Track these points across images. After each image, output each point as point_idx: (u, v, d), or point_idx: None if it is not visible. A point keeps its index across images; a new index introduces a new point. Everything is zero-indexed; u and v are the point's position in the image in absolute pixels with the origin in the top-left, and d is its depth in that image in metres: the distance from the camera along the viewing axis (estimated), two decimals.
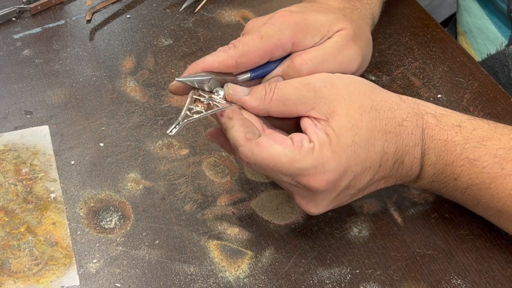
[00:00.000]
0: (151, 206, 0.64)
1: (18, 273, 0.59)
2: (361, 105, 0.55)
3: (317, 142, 0.54)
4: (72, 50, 0.79)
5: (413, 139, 0.56)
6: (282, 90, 0.56)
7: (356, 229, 0.63)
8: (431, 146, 0.57)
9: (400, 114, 0.56)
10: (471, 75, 0.77)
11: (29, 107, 0.72)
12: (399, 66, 0.78)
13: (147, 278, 0.59)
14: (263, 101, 0.56)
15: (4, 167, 0.66)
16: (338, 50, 0.61)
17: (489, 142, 0.56)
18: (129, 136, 0.70)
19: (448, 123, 0.57)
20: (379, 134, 0.55)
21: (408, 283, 0.59)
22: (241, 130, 0.54)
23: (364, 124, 0.55)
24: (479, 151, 0.56)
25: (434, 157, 0.57)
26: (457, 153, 0.56)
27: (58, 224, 0.62)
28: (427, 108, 0.58)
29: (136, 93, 0.74)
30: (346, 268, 0.60)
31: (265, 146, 0.53)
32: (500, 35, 0.84)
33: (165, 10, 0.85)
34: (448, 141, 0.56)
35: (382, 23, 0.83)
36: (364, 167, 0.55)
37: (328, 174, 0.54)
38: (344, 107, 0.55)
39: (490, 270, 0.60)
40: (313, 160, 0.53)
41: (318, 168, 0.53)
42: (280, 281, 0.59)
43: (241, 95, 0.57)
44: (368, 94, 0.56)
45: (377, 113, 0.55)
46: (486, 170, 0.56)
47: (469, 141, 0.56)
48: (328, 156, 0.53)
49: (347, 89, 0.56)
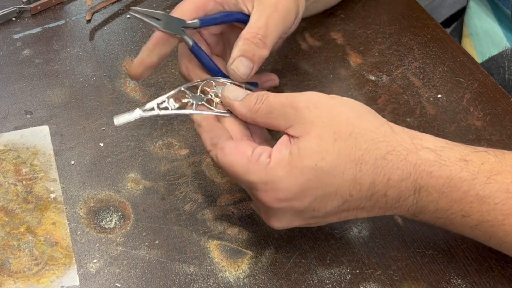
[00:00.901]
0: (151, 206, 0.64)
1: (18, 273, 0.59)
2: (339, 130, 0.53)
3: (275, 159, 0.53)
4: (72, 50, 0.79)
5: (399, 173, 0.53)
6: (270, 102, 0.56)
7: (356, 229, 0.63)
8: (430, 183, 0.54)
9: (383, 147, 0.53)
10: (471, 75, 0.77)
11: (29, 107, 0.72)
12: (399, 66, 0.78)
13: (147, 278, 0.59)
14: (250, 109, 0.57)
15: (4, 167, 0.66)
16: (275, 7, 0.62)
17: (499, 176, 0.53)
18: (129, 136, 0.70)
19: (451, 158, 0.54)
20: (351, 163, 0.53)
21: (408, 283, 0.59)
22: (207, 136, 0.57)
23: (336, 151, 0.53)
24: (489, 187, 0.53)
25: (435, 194, 0.54)
26: (465, 189, 0.53)
27: (58, 224, 0.62)
28: (424, 142, 0.54)
29: (136, 93, 0.74)
30: (346, 268, 0.60)
31: (227, 153, 0.54)
32: (506, 39, 0.84)
33: (165, 10, 0.85)
34: (452, 178, 0.53)
35: (382, 23, 0.83)
36: (327, 192, 0.53)
37: (279, 192, 0.53)
38: (319, 130, 0.53)
39: (490, 270, 0.60)
40: (263, 176, 0.53)
41: (269, 185, 0.53)
42: (280, 281, 0.59)
43: (233, 99, 0.58)
44: (352, 120, 0.54)
45: (355, 142, 0.53)
46: (498, 207, 0.53)
47: (477, 177, 0.53)
48: (281, 175, 0.53)
49: (330, 113, 0.54)
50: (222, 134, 0.57)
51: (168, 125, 0.71)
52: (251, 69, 0.61)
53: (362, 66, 0.78)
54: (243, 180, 0.54)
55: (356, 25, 0.82)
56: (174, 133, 0.70)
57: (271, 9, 0.62)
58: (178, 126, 0.71)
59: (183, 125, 0.71)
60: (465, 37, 0.92)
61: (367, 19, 0.83)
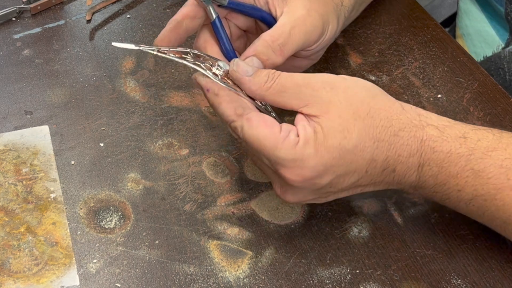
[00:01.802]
0: (151, 206, 0.64)
1: (18, 273, 0.59)
2: (357, 110, 0.55)
3: (303, 137, 0.54)
4: (72, 50, 0.79)
5: (408, 149, 0.56)
6: (283, 81, 0.56)
7: (356, 229, 0.63)
8: (432, 158, 0.56)
9: (397, 124, 0.56)
10: (471, 75, 0.77)
11: (29, 107, 0.72)
12: (399, 66, 0.78)
13: (147, 278, 0.59)
14: (261, 86, 0.56)
15: (4, 167, 0.66)
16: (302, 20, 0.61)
17: (494, 152, 0.56)
18: (129, 136, 0.70)
19: (452, 135, 0.56)
20: (370, 141, 0.55)
21: (408, 283, 0.59)
22: (230, 106, 0.56)
23: (356, 130, 0.54)
24: (484, 162, 0.55)
25: (436, 168, 0.56)
26: (462, 164, 0.56)
27: (58, 224, 0.62)
28: (429, 119, 0.57)
29: (136, 93, 0.74)
30: (346, 268, 0.60)
31: (254, 125, 0.54)
32: (498, 38, 0.84)
33: (165, 10, 0.85)
34: (451, 153, 0.56)
35: (382, 23, 0.83)
36: (348, 170, 0.55)
37: (305, 170, 0.54)
38: (338, 110, 0.55)
39: (490, 270, 0.60)
40: (293, 154, 0.53)
41: (297, 163, 0.54)
42: (280, 281, 0.59)
43: (243, 74, 0.57)
44: (367, 100, 0.56)
45: (372, 121, 0.55)
46: (491, 181, 0.55)
47: (473, 152, 0.56)
48: (309, 153, 0.54)
49: (346, 94, 0.55)
50: (246, 104, 0.56)
51: (168, 125, 0.71)
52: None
53: (362, 66, 0.78)
54: (268, 155, 0.54)
55: (356, 25, 0.82)
56: (174, 133, 0.70)
57: (299, 21, 0.62)
58: (178, 126, 0.71)
59: (183, 125, 0.71)
60: (458, 37, 0.92)
61: (367, 19, 0.83)
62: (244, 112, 0.55)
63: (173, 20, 0.61)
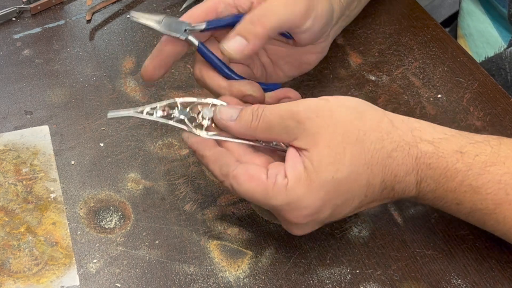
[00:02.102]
0: (151, 206, 0.64)
1: (18, 273, 0.59)
2: (345, 137, 0.54)
3: (292, 178, 0.53)
4: (72, 50, 0.79)
5: (404, 169, 0.55)
6: (268, 117, 0.55)
7: (356, 229, 0.63)
8: (429, 174, 0.55)
9: (388, 145, 0.54)
10: (471, 75, 0.77)
11: (29, 107, 0.72)
12: (399, 66, 0.78)
13: (147, 278, 0.59)
14: (249, 128, 0.56)
15: (4, 167, 0.66)
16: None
17: (492, 167, 0.55)
18: (129, 136, 0.70)
19: (448, 149, 0.55)
20: (363, 167, 0.54)
21: (408, 283, 0.59)
22: (215, 167, 0.56)
23: (348, 158, 0.53)
24: (482, 178, 0.54)
25: (433, 184, 0.55)
26: (459, 180, 0.55)
27: (58, 224, 0.62)
28: (422, 133, 0.56)
29: (136, 93, 0.74)
30: (346, 268, 0.60)
31: (241, 181, 0.54)
32: (501, 39, 0.84)
33: (165, 10, 0.85)
34: (448, 169, 0.55)
35: (382, 23, 0.83)
36: (346, 198, 0.54)
37: (303, 210, 0.53)
38: (326, 139, 0.53)
39: (490, 270, 0.60)
40: (285, 197, 0.53)
41: (292, 205, 0.53)
42: (280, 281, 0.59)
43: (228, 120, 0.57)
44: (355, 123, 0.54)
45: (363, 145, 0.54)
46: (490, 196, 0.55)
47: (471, 168, 0.55)
48: (302, 192, 0.53)
49: (332, 118, 0.54)
50: (230, 161, 0.55)
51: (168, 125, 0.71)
52: (245, 47, 0.59)
53: (362, 66, 0.78)
54: (265, 205, 0.55)
55: (356, 25, 0.82)
56: (174, 133, 0.70)
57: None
58: None
59: None
60: (460, 37, 0.92)
61: (367, 19, 0.83)
62: (229, 170, 0.55)
63: (155, 48, 0.62)
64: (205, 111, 0.58)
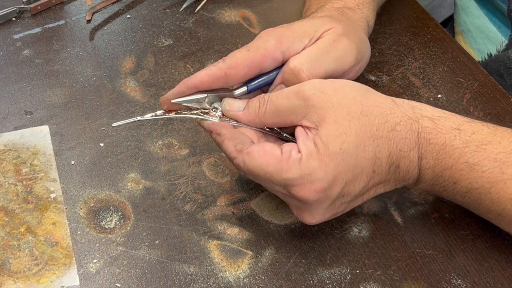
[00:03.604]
0: (151, 206, 0.64)
1: (18, 273, 0.59)
2: (350, 111, 0.55)
3: (305, 152, 0.54)
4: (72, 50, 0.79)
5: (408, 143, 0.56)
6: (274, 101, 0.57)
7: (356, 229, 0.63)
8: (429, 150, 0.56)
9: (392, 119, 0.56)
10: (471, 75, 0.77)
11: (29, 107, 0.73)
12: (399, 66, 0.78)
13: (147, 278, 0.59)
14: (257, 115, 0.58)
15: (4, 167, 0.66)
16: (331, 46, 0.61)
17: (488, 146, 0.56)
18: (129, 136, 0.70)
19: (446, 126, 0.57)
20: (369, 140, 0.55)
21: (408, 283, 0.59)
22: (230, 143, 0.57)
23: (353, 131, 0.55)
24: (478, 155, 0.56)
25: (432, 161, 0.57)
26: (456, 157, 0.56)
27: (58, 224, 0.62)
28: (423, 111, 0.57)
29: (136, 93, 0.74)
30: (346, 268, 0.60)
31: (255, 156, 0.55)
32: (500, 34, 0.84)
33: (165, 10, 0.85)
34: (446, 145, 0.56)
35: (382, 23, 0.83)
36: (355, 173, 0.55)
37: (316, 183, 0.54)
38: (332, 114, 0.55)
39: (490, 270, 0.60)
40: (299, 171, 0.54)
41: (305, 178, 0.54)
42: (280, 281, 0.59)
43: (236, 110, 0.59)
44: (359, 99, 0.56)
45: (367, 119, 0.55)
46: (485, 174, 0.56)
47: (468, 145, 0.56)
48: (315, 165, 0.54)
49: (337, 95, 0.56)
50: (245, 140, 0.57)
51: (168, 125, 0.71)
52: None
53: None
54: (276, 180, 0.55)
55: None
56: (174, 133, 0.70)
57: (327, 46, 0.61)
58: (178, 126, 0.71)
59: (183, 125, 0.71)
60: (457, 34, 0.92)
61: None
62: (244, 147, 0.56)
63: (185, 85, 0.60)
64: (216, 105, 0.60)
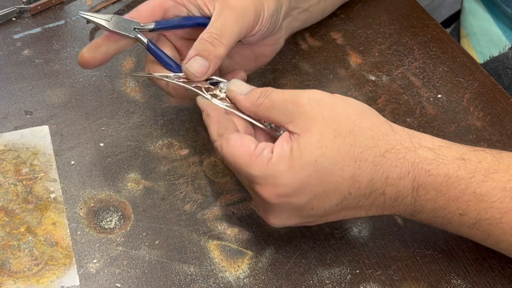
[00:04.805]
0: (151, 206, 0.64)
1: (18, 273, 0.59)
2: (339, 127, 0.54)
3: (276, 154, 0.53)
4: (72, 50, 0.79)
5: (397, 171, 0.53)
6: (273, 97, 0.56)
7: (356, 229, 0.63)
8: (428, 181, 0.54)
9: (383, 145, 0.54)
10: (471, 75, 0.77)
11: (29, 107, 0.73)
12: (399, 66, 0.78)
13: (147, 278, 0.59)
14: (254, 104, 0.57)
15: (4, 167, 0.66)
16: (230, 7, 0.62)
17: (496, 174, 0.53)
18: (129, 136, 0.70)
19: (449, 156, 0.54)
20: (351, 161, 0.53)
21: (408, 283, 0.59)
22: (214, 126, 0.58)
23: (336, 147, 0.53)
24: (486, 185, 0.53)
25: (433, 192, 0.54)
26: (462, 188, 0.53)
27: (58, 224, 0.62)
28: (422, 140, 0.55)
29: (136, 93, 0.74)
30: (346, 268, 0.60)
31: (231, 144, 0.55)
32: (505, 38, 0.84)
33: None
34: (450, 176, 0.53)
35: (382, 23, 0.83)
36: (327, 189, 0.53)
37: (279, 188, 0.53)
38: (320, 127, 0.54)
39: (490, 270, 0.60)
40: (264, 170, 0.53)
41: (269, 180, 0.53)
42: (280, 281, 0.59)
43: (238, 93, 0.59)
44: (353, 118, 0.54)
45: (354, 139, 0.53)
46: (495, 204, 0.53)
47: (474, 175, 0.53)
48: (282, 170, 0.53)
49: (332, 110, 0.54)
50: (229, 126, 0.57)
51: (168, 125, 0.71)
52: (207, 68, 0.61)
53: (362, 66, 0.78)
54: (244, 173, 0.54)
55: (356, 25, 0.82)
56: (174, 133, 0.70)
57: (228, 10, 0.62)
58: (178, 126, 0.71)
59: (183, 125, 0.71)
60: (463, 37, 0.92)
61: (367, 19, 0.83)
62: (226, 132, 0.56)
63: (94, 42, 0.63)
64: (223, 86, 0.61)
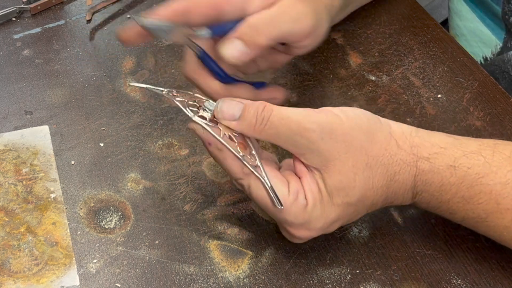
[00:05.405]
0: (151, 206, 0.64)
1: (18, 273, 0.59)
2: (356, 163, 0.54)
3: (311, 201, 0.54)
4: (72, 50, 0.79)
5: (403, 187, 0.57)
6: (276, 125, 0.53)
7: (356, 229, 0.63)
8: (425, 189, 0.57)
9: (392, 168, 0.56)
10: (471, 75, 0.77)
11: (29, 107, 0.72)
12: (399, 66, 0.78)
13: (147, 278, 0.59)
14: (253, 128, 0.54)
15: (4, 167, 0.66)
16: (288, 8, 0.60)
17: (484, 178, 0.56)
18: (129, 136, 0.70)
19: (443, 164, 0.56)
20: (371, 191, 0.56)
21: (408, 283, 0.59)
22: (236, 164, 0.54)
23: (357, 185, 0.55)
24: (474, 189, 0.56)
25: (428, 197, 0.57)
26: (453, 192, 0.56)
27: (58, 224, 0.62)
28: (421, 151, 0.56)
29: (136, 93, 0.74)
30: (346, 268, 0.60)
31: (261, 186, 0.54)
32: (494, 37, 0.84)
33: None
34: (443, 183, 0.56)
35: (382, 23, 0.83)
36: (351, 218, 0.58)
37: (312, 231, 0.56)
38: (337, 164, 0.54)
39: (490, 270, 0.60)
40: (302, 218, 0.55)
41: (306, 225, 0.55)
42: (280, 281, 0.59)
43: (230, 119, 0.54)
44: (365, 147, 0.55)
45: (371, 172, 0.55)
46: (481, 206, 0.56)
47: (464, 180, 0.56)
48: (317, 215, 0.55)
49: (345, 142, 0.54)
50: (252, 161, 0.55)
51: (168, 125, 0.71)
52: (244, 55, 0.58)
53: (362, 66, 0.78)
54: (277, 217, 0.56)
55: (356, 25, 0.82)
56: (174, 133, 0.70)
57: (286, 8, 0.60)
58: (178, 126, 0.71)
59: (183, 125, 0.71)
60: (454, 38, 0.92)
61: (367, 19, 0.83)
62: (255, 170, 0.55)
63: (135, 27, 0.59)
64: (207, 104, 0.56)
